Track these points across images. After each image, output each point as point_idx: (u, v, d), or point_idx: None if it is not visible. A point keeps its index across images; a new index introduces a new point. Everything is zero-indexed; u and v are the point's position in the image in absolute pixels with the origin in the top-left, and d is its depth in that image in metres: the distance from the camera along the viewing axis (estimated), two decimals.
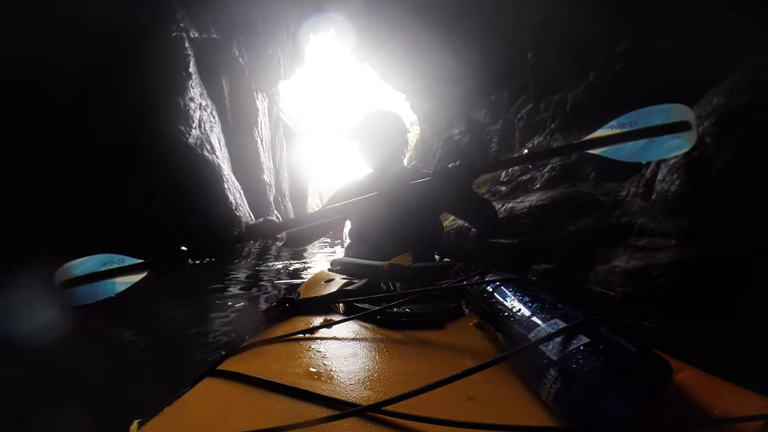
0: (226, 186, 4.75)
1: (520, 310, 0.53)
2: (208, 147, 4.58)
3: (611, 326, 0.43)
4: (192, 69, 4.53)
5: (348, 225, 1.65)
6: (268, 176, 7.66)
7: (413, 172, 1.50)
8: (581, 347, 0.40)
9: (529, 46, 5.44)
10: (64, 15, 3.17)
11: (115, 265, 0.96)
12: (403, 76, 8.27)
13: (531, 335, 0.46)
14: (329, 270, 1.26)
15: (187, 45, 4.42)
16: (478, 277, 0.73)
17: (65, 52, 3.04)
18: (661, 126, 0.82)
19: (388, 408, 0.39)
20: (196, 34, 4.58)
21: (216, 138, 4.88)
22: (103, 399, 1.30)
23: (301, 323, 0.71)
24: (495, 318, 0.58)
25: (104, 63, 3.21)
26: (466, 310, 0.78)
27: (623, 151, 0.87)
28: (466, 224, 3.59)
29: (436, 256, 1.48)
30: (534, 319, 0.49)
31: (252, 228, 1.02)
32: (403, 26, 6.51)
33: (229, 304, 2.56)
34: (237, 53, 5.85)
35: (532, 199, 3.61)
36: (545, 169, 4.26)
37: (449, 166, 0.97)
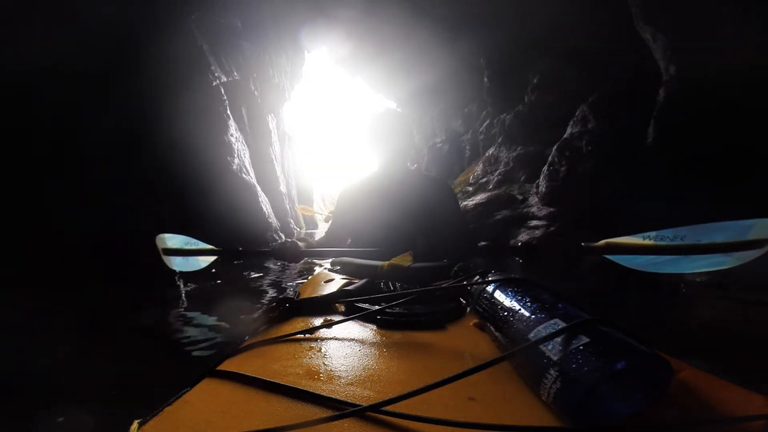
0: (260, 200, 6.07)
1: (520, 310, 0.53)
2: (245, 170, 5.90)
3: (611, 326, 0.43)
4: (228, 111, 5.76)
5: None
6: (282, 187, 8.84)
7: (416, 174, 1.52)
8: (581, 347, 0.39)
9: (484, 71, 7.26)
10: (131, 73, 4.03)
11: (193, 246, 1.32)
12: (393, 87, 10.11)
13: (531, 335, 0.46)
14: (329, 270, 1.26)
15: (222, 91, 5.65)
16: (478, 277, 0.73)
17: (145, 124, 4.02)
18: (732, 243, 0.73)
19: (388, 408, 0.39)
20: (225, 79, 5.84)
21: (247, 162, 6.19)
22: (103, 399, 1.30)
23: (301, 323, 0.71)
24: (495, 318, 0.58)
25: (166, 114, 4.32)
26: (466, 311, 0.78)
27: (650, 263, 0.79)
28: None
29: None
30: (534, 319, 0.49)
31: (279, 251, 1.25)
32: (391, 45, 8.04)
33: (230, 303, 2.56)
34: (252, 88, 7.17)
35: (477, 198, 5.61)
36: (495, 175, 6.37)
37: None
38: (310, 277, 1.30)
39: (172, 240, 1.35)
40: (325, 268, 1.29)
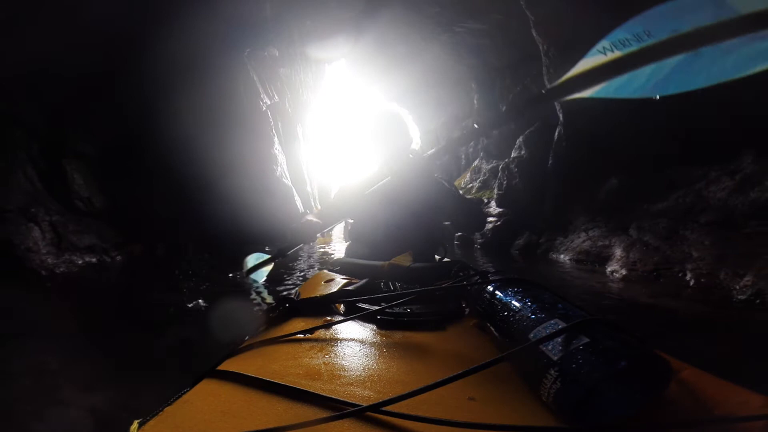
0: (296, 199, 7.32)
1: (520, 310, 0.53)
2: (285, 175, 7.17)
3: (611, 326, 0.43)
4: (274, 130, 6.96)
5: (347, 225, 1.66)
6: (309, 186, 10.15)
7: (416, 174, 1.51)
8: (581, 347, 0.39)
9: (474, 94, 9.61)
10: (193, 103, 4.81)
11: (259, 260, 1.65)
12: (405, 96, 12.00)
13: (531, 335, 0.46)
14: (329, 270, 1.26)
15: (269, 114, 6.78)
16: (478, 277, 0.73)
17: (217, 143, 4.95)
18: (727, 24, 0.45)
19: (388, 408, 0.39)
20: (269, 102, 6.90)
21: (285, 168, 7.36)
22: (103, 399, 1.30)
23: (301, 323, 0.71)
24: (495, 318, 0.58)
25: (224, 136, 5.31)
26: (467, 311, 0.77)
27: (634, 83, 0.55)
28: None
29: (436, 257, 1.48)
30: (534, 319, 0.49)
31: (302, 234, 1.36)
32: (404, 62, 9.63)
33: (231, 304, 2.56)
34: (287, 106, 8.36)
35: None
36: (476, 182, 9.24)
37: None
38: (310, 277, 1.30)
39: (249, 260, 1.68)
40: (325, 269, 1.29)
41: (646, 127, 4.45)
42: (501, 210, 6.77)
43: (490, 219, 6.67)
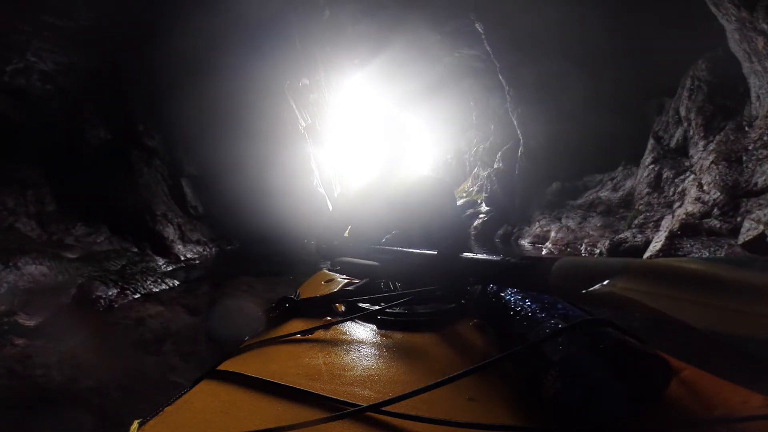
0: (328, 205, 8.22)
1: (520, 310, 0.53)
2: (320, 185, 8.39)
3: (611, 326, 0.43)
4: (310, 148, 8.43)
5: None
6: (335, 193, 12.00)
7: (416, 175, 1.56)
8: (581, 347, 0.39)
9: (473, 111, 11.88)
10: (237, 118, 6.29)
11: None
12: (416, 108, 13.90)
13: (531, 335, 0.46)
14: (329, 270, 1.25)
15: (306, 135, 8.04)
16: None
17: (269, 161, 6.52)
18: None
19: (388, 408, 0.39)
20: (305, 125, 8.07)
21: (319, 179, 8.51)
22: (104, 399, 1.30)
23: (301, 323, 0.70)
24: (495, 318, 0.58)
25: (274, 155, 6.75)
26: (466, 311, 0.77)
27: None
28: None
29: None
30: (534, 319, 0.49)
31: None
32: (412, 75, 11.07)
33: (230, 304, 2.56)
34: (317, 125, 9.37)
35: (460, 202, 8.11)
36: (475, 186, 11.83)
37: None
38: (310, 277, 1.30)
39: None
40: (326, 269, 1.29)
41: (574, 146, 6.50)
42: (488, 209, 9.26)
43: (480, 216, 9.15)
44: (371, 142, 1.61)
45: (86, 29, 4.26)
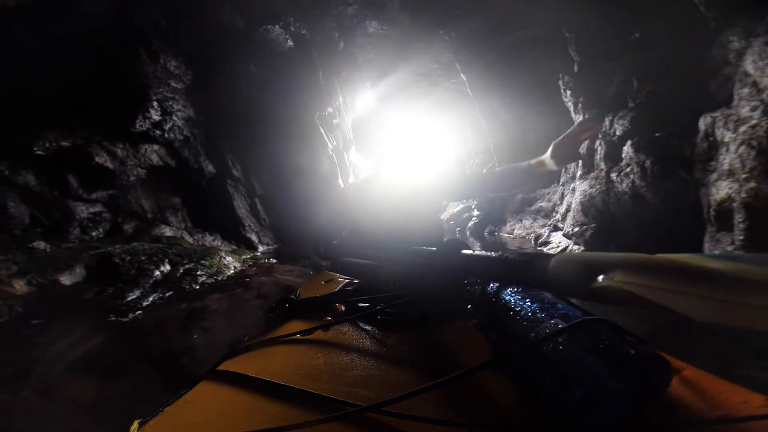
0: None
1: (520, 310, 0.53)
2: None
3: (611, 326, 0.43)
4: (336, 164, 9.21)
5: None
6: None
7: (417, 175, 1.57)
8: (581, 347, 0.39)
9: (469, 129, 13.40)
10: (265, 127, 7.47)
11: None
12: (434, 122, 15.47)
13: (531, 335, 0.46)
14: (329, 270, 1.26)
15: (334, 156, 8.94)
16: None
17: (307, 175, 7.76)
18: None
19: (388, 408, 0.39)
20: (332, 146, 9.04)
21: (343, 183, 9.48)
22: (104, 398, 1.30)
23: (301, 323, 0.70)
24: (495, 318, 0.58)
25: (311, 177, 7.91)
26: (467, 311, 0.77)
27: None
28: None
29: None
30: (534, 319, 0.49)
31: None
32: (427, 91, 12.89)
33: (231, 304, 2.57)
34: (341, 145, 10.25)
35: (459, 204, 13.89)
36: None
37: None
38: (310, 278, 1.30)
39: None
40: (326, 269, 1.29)
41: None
42: (478, 213, 11.67)
43: (473, 218, 11.64)
44: (380, 149, 1.67)
45: (191, 89, 6.29)
